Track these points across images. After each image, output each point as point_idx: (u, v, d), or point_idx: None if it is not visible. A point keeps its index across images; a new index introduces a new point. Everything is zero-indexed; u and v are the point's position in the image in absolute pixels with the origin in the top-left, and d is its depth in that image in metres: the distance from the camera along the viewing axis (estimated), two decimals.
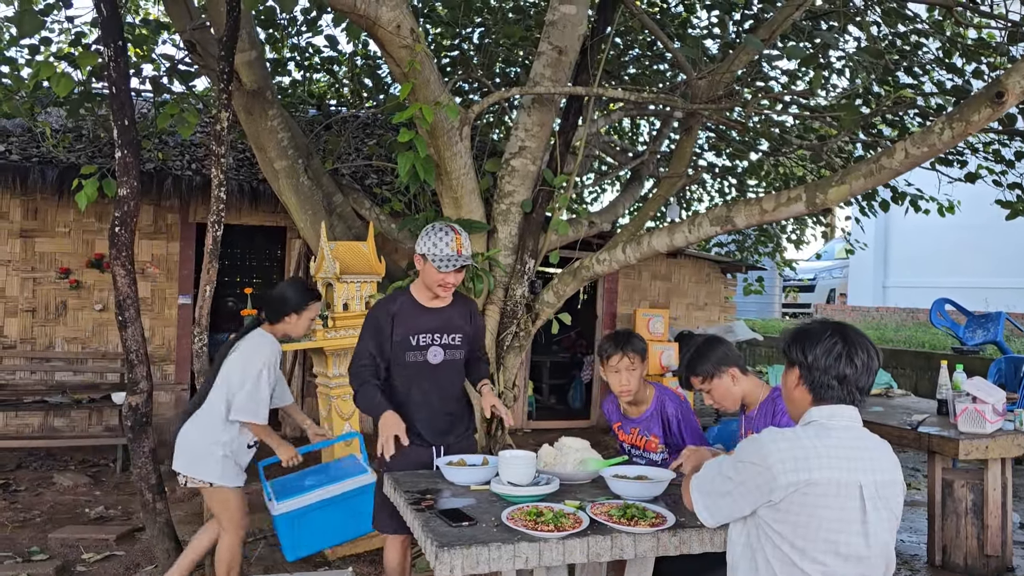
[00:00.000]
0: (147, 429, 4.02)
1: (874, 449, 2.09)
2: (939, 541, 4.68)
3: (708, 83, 4.87)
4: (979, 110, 3.23)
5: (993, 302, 11.23)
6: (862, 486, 1.99)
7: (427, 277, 3.31)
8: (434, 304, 3.41)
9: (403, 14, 3.83)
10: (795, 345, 2.15)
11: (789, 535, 1.99)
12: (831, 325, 2.16)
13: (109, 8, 3.85)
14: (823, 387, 2.10)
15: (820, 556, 1.98)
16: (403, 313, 3.36)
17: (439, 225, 3.34)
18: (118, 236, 3.92)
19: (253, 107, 4.94)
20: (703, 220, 4.28)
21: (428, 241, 3.28)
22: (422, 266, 3.32)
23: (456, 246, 3.25)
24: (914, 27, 6.02)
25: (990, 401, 4.44)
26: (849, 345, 2.09)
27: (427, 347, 3.37)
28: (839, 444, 2.02)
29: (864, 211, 7.75)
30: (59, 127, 7.61)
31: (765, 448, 2.02)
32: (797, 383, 2.16)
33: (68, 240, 7.31)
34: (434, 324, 3.40)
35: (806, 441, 2.01)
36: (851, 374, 2.09)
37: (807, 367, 2.12)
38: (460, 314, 3.47)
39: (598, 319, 9.31)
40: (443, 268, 3.23)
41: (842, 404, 2.10)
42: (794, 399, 2.19)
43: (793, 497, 1.97)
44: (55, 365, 7.20)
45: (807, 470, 1.96)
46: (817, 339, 2.11)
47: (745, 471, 2.06)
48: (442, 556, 2.25)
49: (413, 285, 3.45)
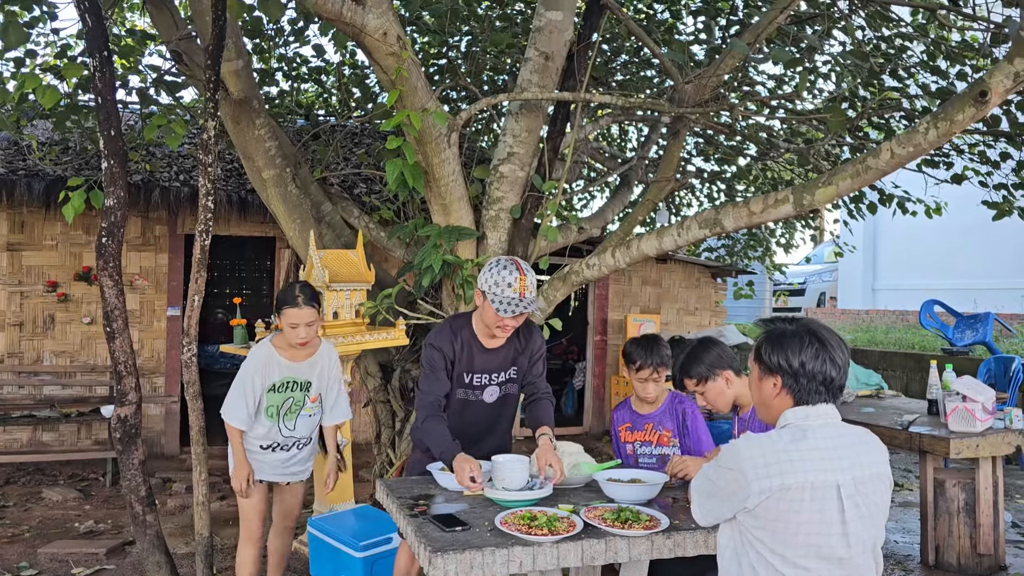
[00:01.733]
0: (136, 441, 3.98)
1: (854, 444, 2.06)
2: (932, 541, 4.69)
3: (695, 87, 4.89)
4: (963, 109, 3.26)
5: (982, 303, 11.29)
6: (839, 486, 1.95)
7: (486, 315, 3.10)
8: (493, 343, 3.23)
9: (389, 21, 3.83)
10: (776, 353, 2.08)
11: (769, 541, 1.97)
12: (803, 327, 2.10)
13: (94, 18, 3.84)
14: (809, 394, 2.05)
15: (801, 560, 1.95)
16: (463, 352, 3.20)
17: (504, 261, 3.07)
18: (105, 247, 3.90)
19: (240, 116, 4.93)
20: (692, 223, 4.29)
21: (490, 277, 3.04)
22: (481, 302, 3.11)
23: (520, 288, 3.01)
24: (898, 30, 6.06)
25: (980, 400, 4.46)
26: (827, 346, 2.06)
27: (483, 387, 3.26)
28: (816, 446, 1.98)
29: (852, 214, 7.79)
30: (45, 140, 7.57)
31: (740, 454, 2.00)
32: (778, 391, 2.09)
33: (55, 253, 7.27)
34: (492, 364, 3.25)
35: (780, 446, 1.98)
36: (836, 375, 2.06)
37: (792, 375, 2.06)
38: (520, 349, 3.31)
39: (589, 325, 9.32)
40: (504, 313, 3.01)
41: (821, 404, 2.07)
42: (771, 406, 2.13)
43: (767, 503, 1.94)
44: (43, 379, 7.14)
45: (780, 475, 1.93)
46: (799, 345, 2.06)
47: (723, 476, 2.05)
48: (435, 561, 2.24)
49: (474, 317, 3.25)
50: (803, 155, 6.52)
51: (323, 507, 4.66)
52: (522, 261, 3.12)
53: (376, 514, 4.31)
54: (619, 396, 8.88)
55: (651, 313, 9.38)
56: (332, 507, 4.60)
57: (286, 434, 3.71)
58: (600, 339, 9.25)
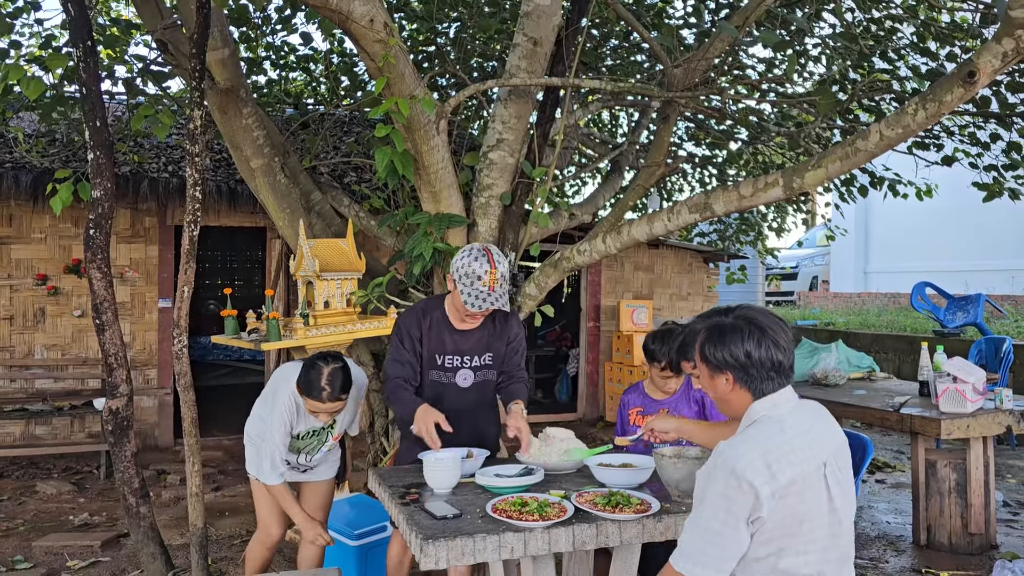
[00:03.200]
0: (128, 433, 3.97)
1: (819, 420, 2.06)
2: (924, 521, 4.72)
3: (684, 71, 4.87)
4: (952, 90, 3.25)
5: (973, 284, 11.34)
6: (824, 464, 1.94)
7: (456, 302, 3.09)
8: (466, 325, 3.20)
9: (376, 8, 3.80)
10: (719, 348, 2.05)
11: (776, 544, 1.90)
12: (740, 317, 2.07)
13: (77, 8, 3.80)
14: (763, 381, 2.02)
15: (801, 546, 1.91)
16: (432, 331, 3.17)
17: (478, 249, 3.03)
18: (93, 239, 3.87)
19: (227, 106, 4.89)
20: (682, 208, 4.28)
21: (461, 268, 3.02)
22: (452, 289, 3.10)
23: (490, 281, 2.98)
24: (888, 12, 6.05)
25: (970, 380, 4.48)
26: (767, 331, 2.03)
27: (455, 370, 3.22)
28: (797, 432, 1.96)
29: (843, 197, 7.79)
30: (32, 132, 7.51)
31: (735, 466, 1.88)
32: (732, 386, 2.06)
33: (44, 246, 7.23)
34: (465, 346, 3.22)
35: (770, 443, 1.92)
36: (783, 358, 2.03)
37: (741, 368, 2.03)
38: (494, 333, 3.26)
39: (582, 312, 9.33)
40: (471, 307, 3.00)
41: (779, 390, 2.05)
42: (730, 401, 2.09)
43: (778, 504, 1.87)
44: (35, 373, 7.12)
45: (781, 471, 1.87)
46: (739, 336, 2.03)
47: (726, 503, 1.88)
48: (427, 549, 2.24)
49: (447, 299, 3.24)
50: (794, 139, 6.52)
51: None
52: (496, 251, 3.08)
53: (370, 503, 4.31)
54: (613, 382, 8.90)
55: (644, 299, 9.39)
56: None
57: (303, 461, 3.59)
58: (593, 325, 9.26)
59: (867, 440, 3.32)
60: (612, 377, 8.92)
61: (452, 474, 2.76)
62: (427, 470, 2.77)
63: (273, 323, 4.28)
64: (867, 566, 4.49)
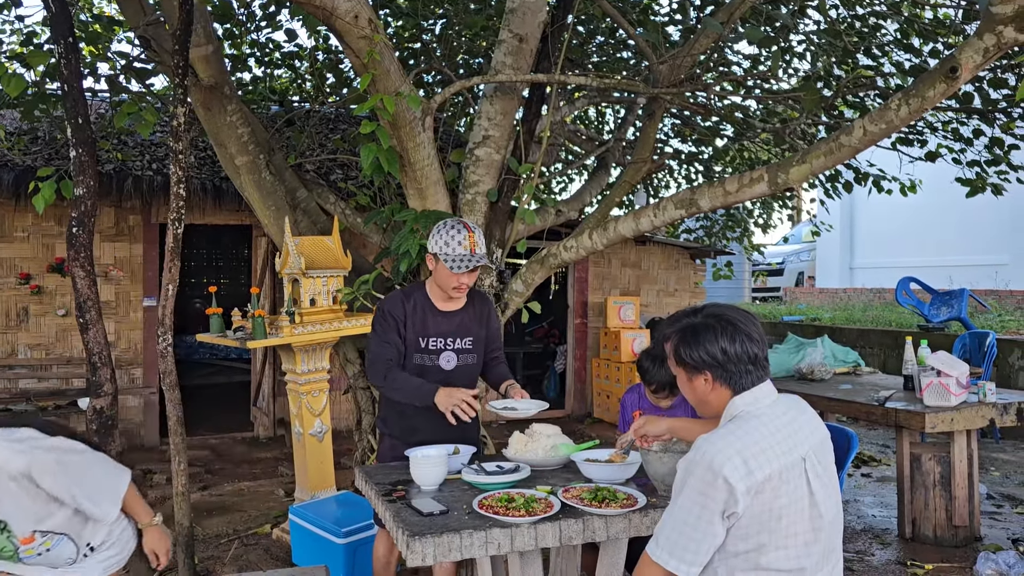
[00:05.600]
0: (113, 432, 3.96)
1: (800, 414, 2.06)
2: (909, 514, 4.76)
3: (670, 67, 4.88)
4: (934, 86, 3.27)
5: (957, 279, 11.42)
6: (804, 459, 1.95)
7: (440, 278, 3.16)
8: (448, 307, 3.27)
9: (360, 4, 3.78)
10: (694, 349, 2.06)
11: (754, 540, 1.90)
12: (709, 315, 2.08)
13: (58, 4, 3.77)
14: (741, 376, 2.03)
15: (781, 541, 1.91)
16: (416, 314, 3.21)
17: (451, 222, 3.15)
18: (76, 237, 3.85)
19: (211, 103, 4.86)
20: (668, 204, 4.29)
21: (440, 239, 3.12)
22: (434, 266, 3.17)
23: (469, 244, 3.10)
24: (872, 8, 6.08)
25: (954, 374, 4.51)
26: (738, 325, 2.04)
27: (439, 352, 3.25)
28: (776, 427, 1.97)
29: (828, 193, 7.83)
30: (13, 129, 7.44)
31: (712, 462, 1.88)
32: (712, 386, 2.07)
33: (27, 245, 7.17)
34: (447, 328, 3.26)
35: (748, 439, 1.92)
36: (758, 351, 2.04)
37: (719, 365, 2.04)
38: (474, 316, 3.33)
39: (570, 308, 9.34)
40: (456, 269, 3.08)
41: (760, 383, 2.06)
42: (710, 402, 2.10)
43: (754, 500, 1.88)
44: (18, 372, 7.06)
45: (759, 467, 1.88)
46: (713, 334, 2.04)
47: (702, 497, 1.89)
48: (413, 545, 2.24)
49: (428, 283, 3.29)
50: (779, 135, 6.54)
51: (304, 495, 4.65)
52: (468, 221, 3.20)
53: (357, 500, 4.31)
54: (600, 379, 8.91)
55: (631, 295, 9.41)
56: (313, 495, 4.60)
57: None
58: (581, 322, 9.28)
59: (852, 434, 3.34)
60: (600, 374, 8.94)
61: (439, 470, 2.75)
62: (414, 467, 2.77)
63: (259, 321, 4.26)
64: (853, 559, 4.52)
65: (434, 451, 2.90)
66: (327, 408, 4.72)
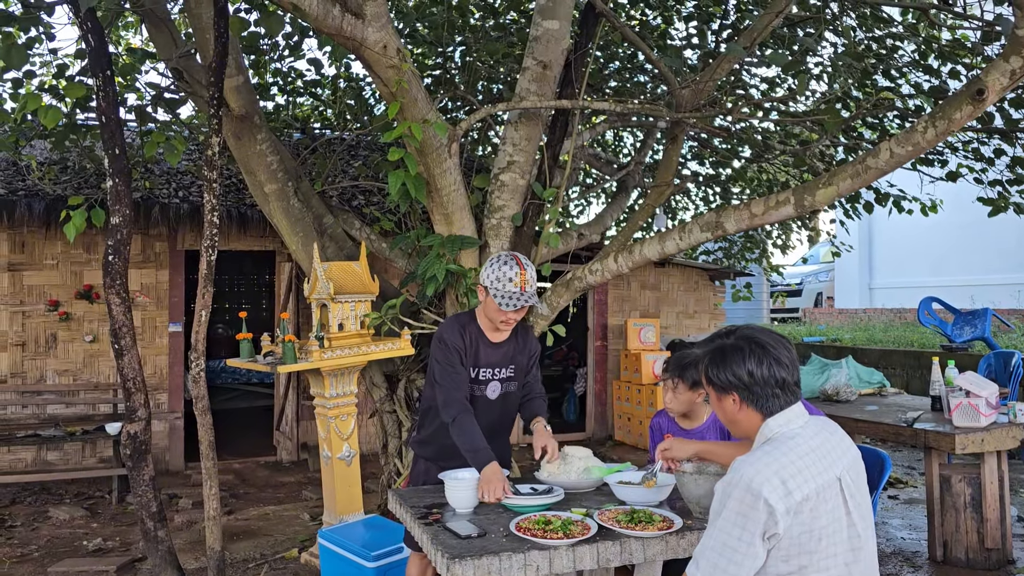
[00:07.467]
0: (146, 457, 4.00)
1: (831, 434, 2.07)
2: (939, 536, 4.71)
3: (692, 92, 4.93)
4: (960, 107, 3.30)
5: (979, 299, 11.35)
6: (839, 479, 1.96)
7: (489, 310, 3.17)
8: (497, 337, 3.28)
9: (389, 35, 3.86)
10: (722, 370, 2.09)
11: (794, 560, 1.91)
12: (740, 337, 2.10)
13: (96, 39, 3.87)
14: (769, 399, 2.05)
15: (823, 563, 1.91)
16: (472, 346, 3.23)
17: (505, 256, 3.15)
18: (112, 264, 3.92)
19: (242, 132, 4.96)
20: (693, 227, 4.32)
21: (492, 274, 3.12)
22: (484, 297, 3.18)
23: (520, 282, 3.09)
24: (890, 30, 6.12)
25: (983, 395, 4.49)
26: (768, 349, 2.06)
27: (487, 382, 3.28)
28: (811, 448, 1.97)
29: (848, 213, 7.84)
30: (44, 159, 7.59)
31: (751, 484, 1.89)
32: (740, 407, 2.08)
33: (56, 272, 7.28)
34: (496, 358, 3.28)
35: (785, 460, 1.93)
36: (786, 375, 2.05)
37: (745, 388, 2.05)
38: (518, 346, 3.35)
39: (589, 331, 9.35)
40: (506, 307, 3.09)
41: (789, 406, 2.07)
42: (739, 422, 2.12)
43: (794, 521, 1.88)
44: (47, 398, 7.15)
45: (797, 488, 1.89)
46: (741, 356, 2.06)
47: (743, 520, 1.89)
48: (454, 568, 2.26)
49: (478, 313, 3.29)
50: (799, 156, 6.57)
51: (332, 518, 4.67)
52: (522, 256, 3.18)
53: (386, 524, 4.32)
54: (621, 401, 8.90)
55: (651, 317, 9.42)
56: (341, 518, 4.61)
57: None
58: (600, 344, 9.28)
59: (885, 455, 3.33)
60: (620, 396, 8.92)
61: (474, 493, 2.78)
62: (449, 489, 2.79)
63: (289, 346, 4.31)
64: None
65: (468, 474, 2.92)
66: (355, 432, 4.75)
